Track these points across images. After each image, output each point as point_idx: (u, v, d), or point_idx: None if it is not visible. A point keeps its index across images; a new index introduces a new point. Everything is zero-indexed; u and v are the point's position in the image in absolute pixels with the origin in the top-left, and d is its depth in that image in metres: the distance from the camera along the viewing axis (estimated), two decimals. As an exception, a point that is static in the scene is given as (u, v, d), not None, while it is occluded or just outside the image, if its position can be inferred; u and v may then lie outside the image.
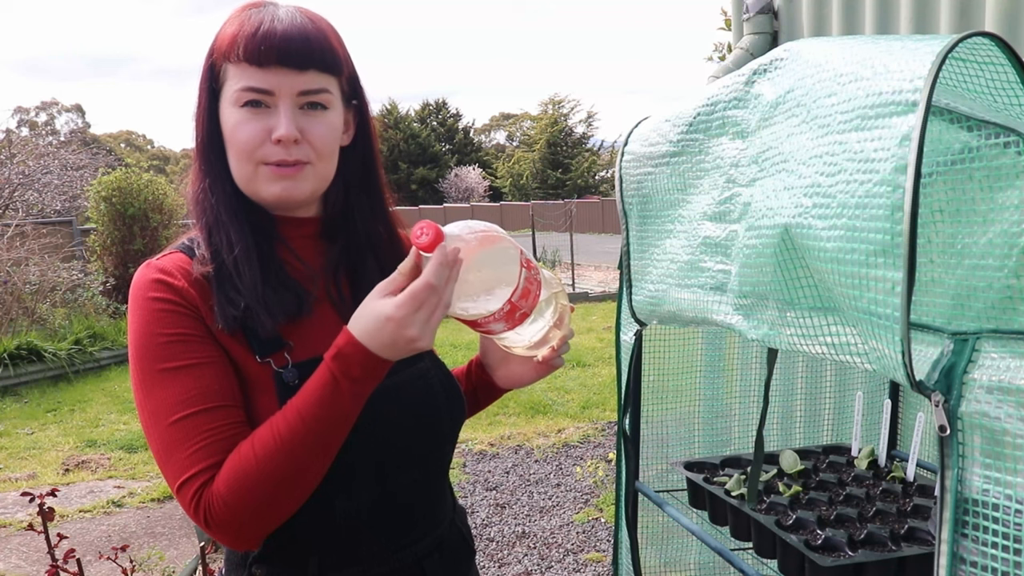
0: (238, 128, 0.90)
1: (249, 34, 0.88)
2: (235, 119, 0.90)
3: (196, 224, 0.97)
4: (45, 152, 12.34)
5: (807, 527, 1.26)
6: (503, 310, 0.88)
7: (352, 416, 0.85)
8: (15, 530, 3.66)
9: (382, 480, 0.97)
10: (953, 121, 0.89)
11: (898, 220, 0.71)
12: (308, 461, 0.84)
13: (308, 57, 0.90)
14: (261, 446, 0.83)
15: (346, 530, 0.95)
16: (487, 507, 3.87)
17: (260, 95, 0.89)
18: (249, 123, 0.90)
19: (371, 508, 0.96)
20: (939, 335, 0.93)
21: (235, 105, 0.90)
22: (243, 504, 0.82)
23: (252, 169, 0.92)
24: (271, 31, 0.88)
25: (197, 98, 0.95)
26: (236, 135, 0.91)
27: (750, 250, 1.00)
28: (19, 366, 6.76)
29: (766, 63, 1.05)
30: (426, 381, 1.02)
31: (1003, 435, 0.73)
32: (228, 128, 0.92)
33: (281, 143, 0.90)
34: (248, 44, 0.88)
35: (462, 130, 51.74)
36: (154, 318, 0.88)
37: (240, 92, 0.89)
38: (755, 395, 1.92)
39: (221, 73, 0.92)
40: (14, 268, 7.79)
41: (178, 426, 0.85)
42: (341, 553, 0.95)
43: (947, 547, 0.77)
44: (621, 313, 1.62)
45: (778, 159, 0.95)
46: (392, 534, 0.99)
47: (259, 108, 0.90)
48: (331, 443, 0.85)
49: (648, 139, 1.36)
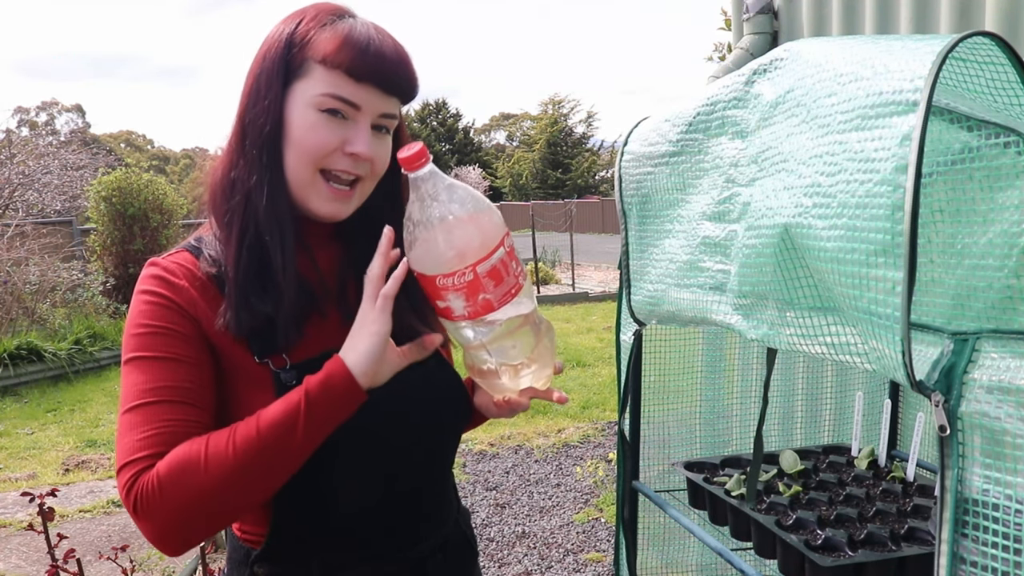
0: (314, 130, 0.89)
1: (358, 48, 0.88)
2: (311, 120, 0.89)
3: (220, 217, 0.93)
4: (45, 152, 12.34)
5: (807, 527, 1.26)
6: (463, 275, 0.84)
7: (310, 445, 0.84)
8: (15, 530, 3.66)
9: (386, 481, 0.97)
10: (953, 121, 0.89)
11: (898, 220, 0.71)
12: (257, 476, 0.82)
13: (399, 86, 0.92)
14: (214, 445, 0.81)
15: (350, 531, 0.95)
16: (487, 507, 3.86)
17: (346, 106, 0.89)
18: (326, 129, 0.89)
19: (375, 509, 0.96)
20: (939, 335, 0.93)
21: (314, 108, 0.89)
22: (177, 496, 0.80)
23: (312, 174, 0.91)
24: (380, 52, 0.89)
25: (259, 86, 0.91)
26: (310, 137, 0.89)
27: (750, 250, 1.00)
28: (19, 366, 6.76)
29: (766, 63, 1.05)
30: (430, 382, 1.02)
31: (1003, 435, 0.73)
32: (299, 127, 0.89)
33: (353, 157, 0.90)
34: (355, 57, 0.88)
35: (462, 130, 51.75)
36: (142, 310, 0.89)
37: (325, 97, 0.88)
38: (755, 395, 1.92)
39: (303, 69, 0.90)
40: (14, 268, 7.80)
41: (137, 411, 0.84)
42: (344, 554, 0.95)
43: (947, 547, 0.77)
44: (621, 313, 1.62)
45: (778, 159, 0.95)
46: (396, 535, 0.98)
47: (336, 117, 0.89)
48: (285, 466, 0.83)
49: (648, 139, 1.36)
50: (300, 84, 0.90)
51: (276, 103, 0.90)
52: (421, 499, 1.02)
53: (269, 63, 0.90)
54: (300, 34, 0.90)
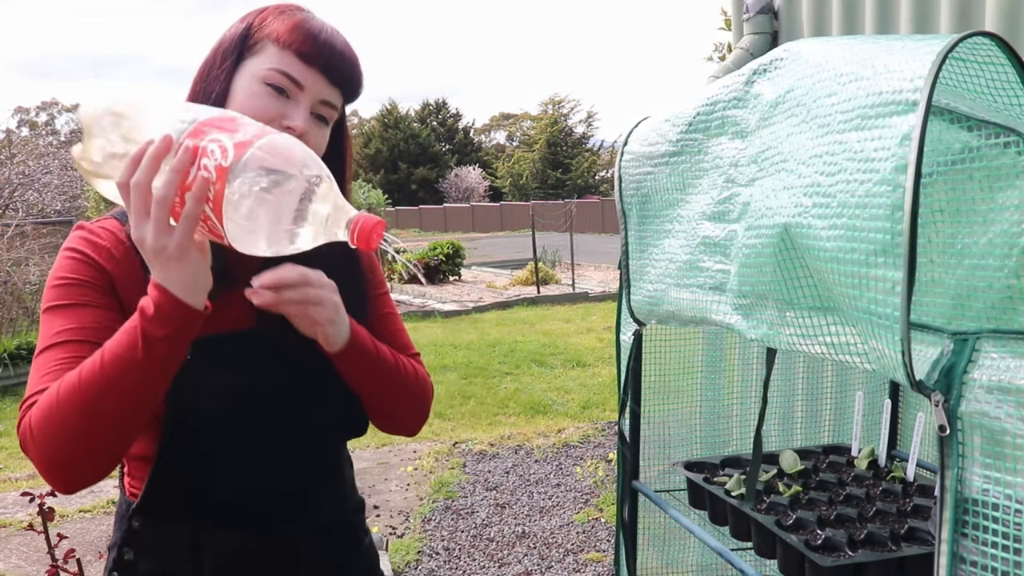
0: (254, 98, 0.94)
1: (309, 33, 0.95)
2: (253, 90, 0.94)
3: None
4: (45, 152, 12.34)
5: (807, 527, 1.26)
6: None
7: (153, 364, 0.81)
8: (15, 530, 3.66)
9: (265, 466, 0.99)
10: (953, 121, 0.89)
11: (898, 220, 0.71)
12: (106, 401, 0.81)
13: (344, 77, 0.98)
14: (65, 378, 0.83)
15: (226, 502, 0.99)
16: (487, 507, 3.87)
17: (290, 83, 0.95)
18: (266, 99, 0.94)
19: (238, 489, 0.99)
20: (939, 335, 0.93)
21: (259, 80, 0.94)
22: (42, 430, 0.82)
23: None
24: (329, 41, 0.97)
25: (215, 57, 0.97)
26: (248, 103, 0.93)
27: (749, 250, 1.00)
28: (19, 366, 6.75)
29: (766, 63, 1.05)
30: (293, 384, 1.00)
31: (1003, 435, 0.73)
32: (241, 94, 0.94)
33: (289, 131, 0.92)
34: (305, 39, 0.95)
35: (462, 130, 51.78)
36: (61, 265, 0.93)
37: (272, 72, 0.94)
38: (755, 395, 1.92)
39: (257, 46, 0.96)
40: (14, 268, 7.79)
41: (42, 354, 0.88)
42: (219, 521, 0.99)
43: (947, 547, 0.77)
44: (621, 313, 1.62)
45: (778, 159, 0.95)
46: (271, 515, 1.02)
47: (279, 93, 0.94)
48: (134, 389, 0.82)
49: (648, 139, 1.36)
50: (252, 60, 0.96)
51: (227, 74, 0.96)
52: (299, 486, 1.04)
53: (227, 41, 0.97)
54: (260, 18, 0.98)
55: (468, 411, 5.73)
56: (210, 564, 0.98)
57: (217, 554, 0.98)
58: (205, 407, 0.94)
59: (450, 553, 3.38)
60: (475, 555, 3.35)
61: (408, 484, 4.20)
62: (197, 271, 0.82)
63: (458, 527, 3.64)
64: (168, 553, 0.98)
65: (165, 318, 0.81)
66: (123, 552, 0.99)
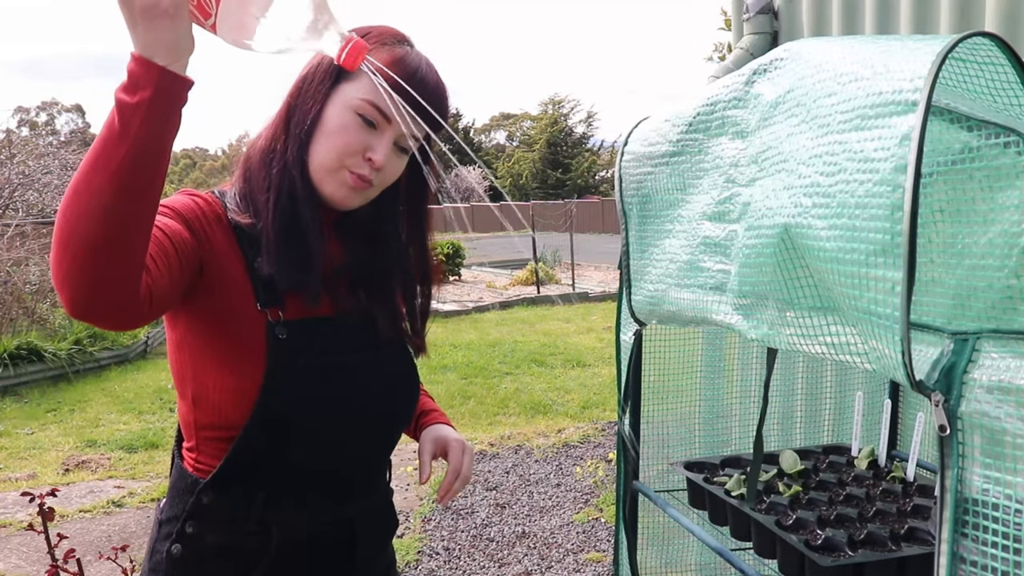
0: (347, 130, 1.00)
1: (407, 71, 0.99)
2: (346, 120, 1.00)
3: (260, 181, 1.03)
4: (45, 152, 12.31)
5: (807, 527, 1.26)
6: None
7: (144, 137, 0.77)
8: (15, 530, 3.66)
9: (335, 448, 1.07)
10: (953, 121, 0.89)
11: (898, 220, 0.71)
12: (87, 185, 0.77)
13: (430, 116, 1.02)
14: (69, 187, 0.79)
15: (296, 479, 1.05)
16: (487, 507, 3.87)
17: (379, 116, 1.00)
18: (357, 131, 1.01)
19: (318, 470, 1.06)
20: (939, 335, 0.93)
21: (351, 109, 1.00)
22: (57, 254, 0.78)
23: (336, 166, 1.02)
24: (423, 81, 1.01)
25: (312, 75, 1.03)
26: (342, 135, 1.00)
27: (750, 250, 1.00)
28: (19, 366, 6.75)
29: (766, 63, 1.05)
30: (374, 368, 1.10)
31: (1003, 435, 0.73)
32: (334, 121, 1.01)
33: (371, 163, 1.01)
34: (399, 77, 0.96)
35: (462, 130, 51.77)
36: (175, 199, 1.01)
37: (364, 103, 1.00)
38: (755, 395, 1.92)
39: (354, 75, 0.99)
40: (14, 268, 7.79)
41: None
42: (287, 495, 1.04)
43: (947, 547, 0.77)
44: (621, 313, 1.62)
45: (778, 159, 0.95)
46: (333, 491, 1.08)
47: (368, 125, 1.01)
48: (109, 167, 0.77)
49: (648, 139, 1.36)
50: (347, 85, 1.01)
51: (324, 96, 1.01)
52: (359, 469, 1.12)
53: (327, 61, 1.01)
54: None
55: (468, 411, 5.73)
56: (276, 539, 1.03)
57: (284, 530, 1.04)
58: (298, 383, 1.00)
59: (450, 553, 3.38)
60: (475, 555, 3.35)
61: (408, 484, 4.20)
62: (186, 31, 0.79)
63: (458, 527, 3.64)
64: (237, 527, 1.03)
65: (136, 85, 0.77)
66: (186, 525, 1.03)
